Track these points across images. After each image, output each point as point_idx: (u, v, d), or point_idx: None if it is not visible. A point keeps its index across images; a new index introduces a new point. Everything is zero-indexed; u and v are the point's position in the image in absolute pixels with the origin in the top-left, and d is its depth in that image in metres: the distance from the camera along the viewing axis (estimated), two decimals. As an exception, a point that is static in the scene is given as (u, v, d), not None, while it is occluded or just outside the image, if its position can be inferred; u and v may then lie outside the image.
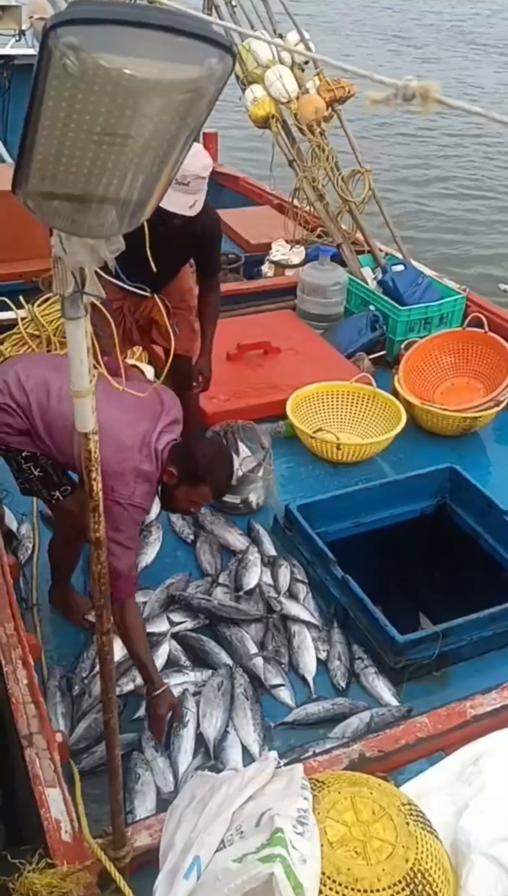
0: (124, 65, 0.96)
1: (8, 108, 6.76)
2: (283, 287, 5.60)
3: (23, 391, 2.74)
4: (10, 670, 2.58)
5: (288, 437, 4.25)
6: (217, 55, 1.02)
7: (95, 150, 1.04)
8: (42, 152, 1.05)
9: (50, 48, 0.96)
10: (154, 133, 1.05)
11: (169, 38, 0.99)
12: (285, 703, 2.87)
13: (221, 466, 2.86)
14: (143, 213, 1.16)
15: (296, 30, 5.57)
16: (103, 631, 1.66)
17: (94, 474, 1.46)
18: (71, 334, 1.31)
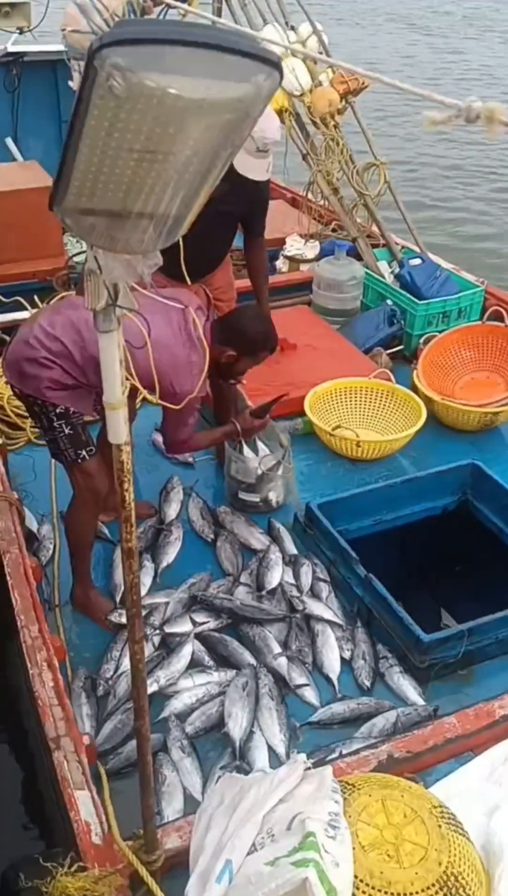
0: (170, 84, 0.95)
1: (18, 105, 6.73)
2: (298, 282, 5.57)
3: (54, 339, 2.86)
4: (35, 673, 2.59)
5: (306, 435, 4.24)
6: (265, 72, 1.00)
7: (134, 167, 1.03)
8: (81, 169, 1.04)
9: (96, 68, 0.95)
10: (196, 151, 1.04)
11: (216, 55, 0.98)
12: (310, 703, 2.87)
13: (271, 328, 3.27)
14: (180, 229, 1.15)
15: (309, 22, 5.52)
16: (136, 640, 1.66)
17: (126, 485, 1.46)
18: (104, 347, 1.30)
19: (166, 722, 2.76)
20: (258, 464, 3.67)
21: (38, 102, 6.75)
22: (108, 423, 1.40)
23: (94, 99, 0.97)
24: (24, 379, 2.92)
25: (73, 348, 2.84)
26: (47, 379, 2.87)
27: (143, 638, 1.70)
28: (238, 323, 3.18)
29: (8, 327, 4.56)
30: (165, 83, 0.96)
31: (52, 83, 6.77)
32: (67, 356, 2.86)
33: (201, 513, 3.71)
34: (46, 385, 2.89)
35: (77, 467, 3.03)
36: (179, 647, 2.99)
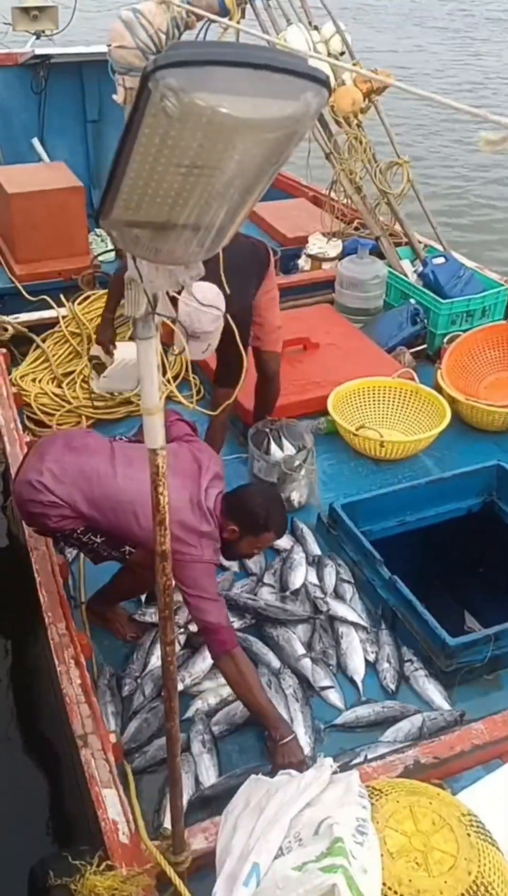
0: (220, 103, 0.97)
1: (44, 107, 6.78)
2: (321, 281, 5.56)
3: (63, 485, 2.72)
4: (63, 670, 2.61)
5: (329, 434, 4.23)
6: (313, 90, 1.02)
7: (181, 181, 1.05)
8: (130, 184, 1.05)
9: (150, 89, 0.97)
10: (243, 166, 1.05)
11: (266, 74, 1.00)
12: (334, 706, 2.86)
13: (279, 510, 2.93)
14: (222, 240, 1.15)
15: (332, 21, 5.50)
16: (168, 641, 1.66)
17: (161, 488, 1.46)
18: (143, 354, 1.31)
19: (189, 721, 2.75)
20: (282, 463, 3.66)
21: (63, 104, 6.80)
22: (145, 427, 1.41)
23: (146, 117, 0.99)
24: (33, 519, 2.84)
25: (79, 498, 2.71)
26: (56, 516, 2.74)
27: (174, 640, 1.70)
28: (250, 500, 2.89)
29: (34, 325, 4.60)
30: (216, 102, 0.98)
31: (77, 85, 6.81)
32: (75, 503, 2.72)
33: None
34: (55, 522, 2.76)
35: (129, 563, 2.91)
36: (203, 647, 2.98)
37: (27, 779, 3.53)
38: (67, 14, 7.26)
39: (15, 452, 3.57)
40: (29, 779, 3.53)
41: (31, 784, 3.52)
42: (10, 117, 6.85)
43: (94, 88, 6.80)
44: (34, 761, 3.62)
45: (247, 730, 2.78)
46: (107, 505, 2.71)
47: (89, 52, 6.68)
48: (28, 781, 3.52)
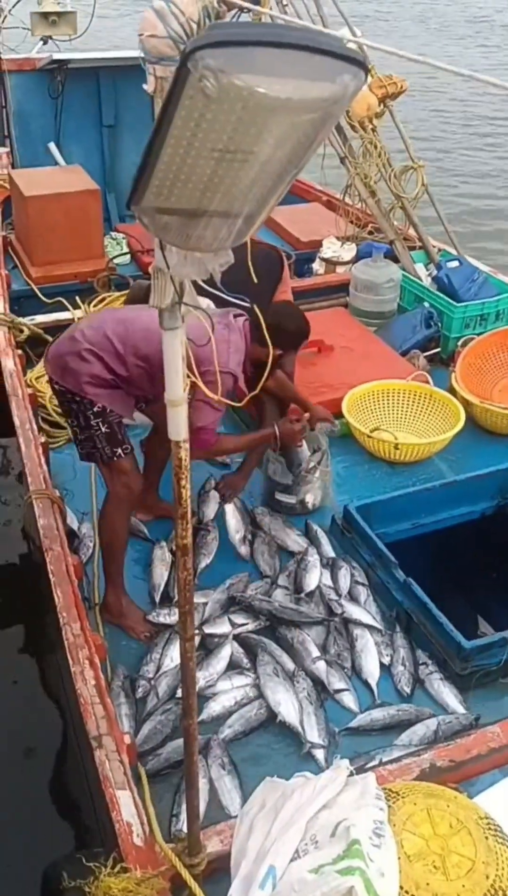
0: (259, 83, 0.97)
1: (61, 111, 6.82)
2: (335, 284, 5.56)
3: (98, 331, 3.01)
4: (77, 671, 2.59)
5: (344, 436, 4.21)
6: (351, 72, 1.01)
7: (214, 166, 1.04)
8: (163, 169, 1.04)
9: (189, 69, 0.96)
10: (276, 150, 1.04)
11: (305, 56, 0.99)
12: (349, 709, 2.84)
13: (305, 319, 3.48)
14: (251, 228, 1.15)
15: (347, 27, 5.50)
16: (187, 637, 1.65)
17: (183, 482, 1.45)
18: (168, 344, 1.30)
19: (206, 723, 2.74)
20: (295, 464, 3.65)
21: (80, 108, 6.85)
22: (169, 419, 1.40)
23: (183, 99, 0.98)
24: (66, 374, 3.00)
25: (115, 339, 2.97)
26: (87, 374, 2.96)
27: (193, 636, 1.69)
28: (279, 320, 3.32)
29: (50, 327, 4.60)
30: (254, 83, 0.97)
31: (94, 90, 6.85)
32: (109, 349, 2.97)
33: (240, 513, 3.69)
34: (86, 380, 2.96)
35: (112, 465, 3.07)
36: (218, 649, 2.98)
37: (41, 780, 3.52)
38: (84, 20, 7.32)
39: (30, 453, 3.56)
40: (43, 780, 3.53)
41: (45, 785, 3.51)
42: (27, 121, 6.89)
43: (110, 93, 6.83)
44: (48, 762, 3.61)
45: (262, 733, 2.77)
46: (140, 336, 2.96)
47: (106, 58, 6.72)
48: (42, 782, 3.52)
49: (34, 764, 3.60)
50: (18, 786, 3.47)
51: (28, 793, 3.45)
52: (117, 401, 3.06)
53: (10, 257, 5.77)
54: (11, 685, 3.96)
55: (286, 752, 2.70)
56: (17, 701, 3.88)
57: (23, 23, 7.51)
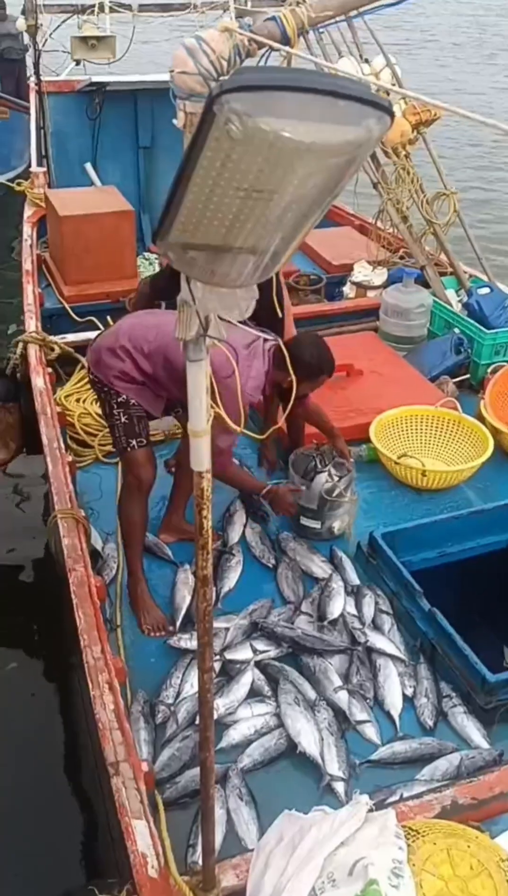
0: (283, 127, 0.97)
1: (98, 133, 6.92)
2: (365, 308, 5.55)
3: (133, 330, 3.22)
4: (96, 695, 2.58)
5: (370, 462, 4.18)
6: (376, 116, 1.01)
7: (239, 204, 1.04)
8: (189, 206, 1.04)
9: (215, 112, 0.97)
10: (301, 191, 1.04)
11: (330, 101, 0.99)
12: (370, 741, 2.80)
13: (327, 353, 3.46)
14: (277, 265, 1.14)
15: (382, 54, 5.54)
16: (205, 668, 1.63)
17: (205, 512, 1.44)
18: (192, 376, 1.29)
19: (225, 752, 2.71)
20: (323, 490, 3.63)
21: (117, 130, 6.96)
22: (191, 449, 1.40)
23: (209, 140, 0.99)
24: (99, 366, 3.24)
25: (146, 341, 3.17)
26: (118, 370, 3.19)
27: (211, 668, 1.67)
28: (297, 349, 3.38)
29: (80, 346, 4.63)
30: (279, 126, 0.97)
31: (131, 112, 6.96)
32: (140, 349, 3.17)
33: (262, 538, 3.67)
34: (116, 375, 3.19)
35: (127, 455, 3.28)
36: (239, 675, 2.95)
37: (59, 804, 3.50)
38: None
39: (57, 472, 3.58)
40: (61, 804, 3.50)
41: (62, 809, 3.48)
42: (64, 142, 7.00)
43: (147, 115, 6.92)
44: (67, 786, 3.59)
45: (281, 763, 2.73)
46: (169, 339, 3.07)
47: (144, 81, 6.82)
48: (60, 807, 3.49)
49: (52, 787, 3.57)
50: (35, 810, 3.45)
51: (45, 818, 3.42)
52: (146, 398, 3.26)
53: (43, 276, 5.84)
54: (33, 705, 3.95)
55: (306, 784, 2.66)
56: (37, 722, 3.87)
57: (63, 46, 7.64)
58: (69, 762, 3.67)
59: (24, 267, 5.53)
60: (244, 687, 2.92)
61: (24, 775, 3.59)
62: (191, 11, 8.14)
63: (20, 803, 3.47)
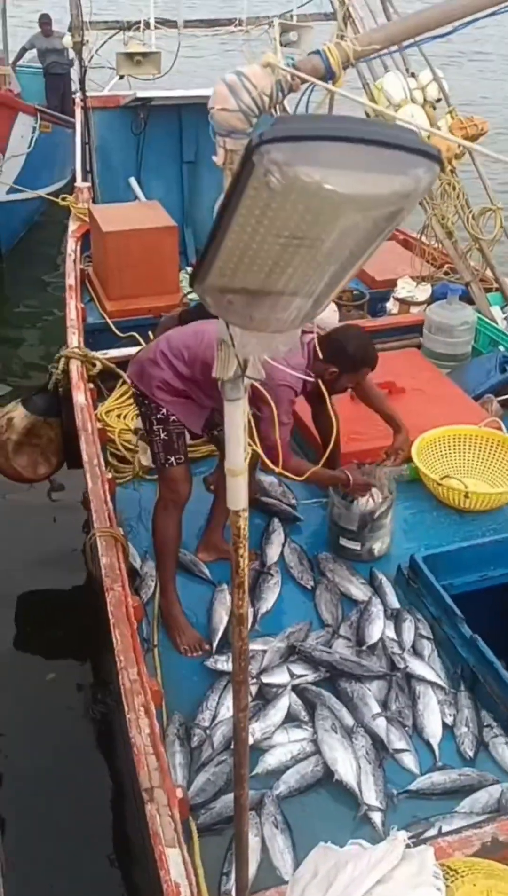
0: (326, 178, 0.94)
1: (142, 147, 6.99)
2: (408, 325, 5.49)
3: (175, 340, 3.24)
4: (132, 718, 2.57)
5: (412, 482, 4.13)
6: (425, 165, 0.97)
7: (279, 250, 1.01)
8: (226, 252, 1.02)
9: (254, 162, 0.94)
10: (346, 238, 1.01)
11: (377, 151, 0.96)
12: (408, 770, 2.75)
13: (370, 346, 3.46)
14: (319, 309, 1.12)
15: (429, 68, 5.49)
16: (240, 707, 1.61)
17: (241, 551, 1.42)
18: (229, 414, 1.28)
19: (262, 777, 2.68)
20: (366, 511, 3.58)
21: (161, 144, 7.02)
22: (228, 488, 1.38)
23: (248, 189, 0.96)
24: (142, 377, 3.24)
25: (186, 348, 3.17)
26: (159, 379, 3.18)
27: (247, 706, 1.65)
28: (339, 340, 3.39)
29: (122, 362, 4.65)
30: (321, 177, 0.94)
31: (176, 127, 7.02)
32: (180, 356, 3.17)
33: (301, 558, 3.64)
34: (157, 384, 3.19)
35: (164, 472, 3.30)
36: (275, 699, 2.92)
37: (93, 826, 3.48)
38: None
39: (97, 490, 3.58)
40: (95, 827, 3.49)
41: (97, 832, 3.47)
42: (109, 156, 7.08)
43: (191, 130, 6.97)
44: (102, 808, 3.57)
45: (317, 790, 2.69)
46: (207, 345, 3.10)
47: (189, 96, 6.87)
48: (94, 829, 3.47)
49: (87, 809, 3.56)
50: (69, 833, 3.43)
51: (79, 840, 3.40)
52: (186, 411, 3.25)
53: (86, 290, 5.89)
54: (68, 725, 3.96)
55: (342, 813, 2.62)
56: (72, 735, 3.88)
57: (108, 62, 7.74)
58: (106, 783, 3.66)
59: (68, 282, 5.58)
60: (281, 711, 2.89)
61: (60, 795, 3.59)
62: (236, 26, 8.20)
63: (54, 819, 3.47)
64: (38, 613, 4.74)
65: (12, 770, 3.64)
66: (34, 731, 3.86)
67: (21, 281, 9.11)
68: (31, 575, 4.84)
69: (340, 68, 1.60)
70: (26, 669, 4.25)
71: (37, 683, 4.14)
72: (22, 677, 4.18)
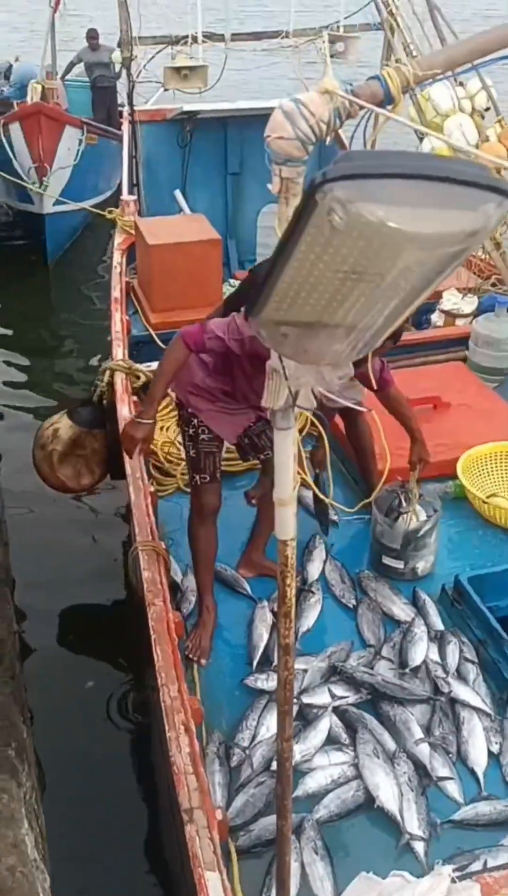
0: (390, 216, 0.91)
1: (188, 160, 7.03)
2: (454, 338, 5.41)
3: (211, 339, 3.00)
4: (172, 736, 2.55)
5: (457, 499, 4.06)
6: (495, 201, 0.93)
7: (338, 284, 0.98)
8: (284, 287, 1.00)
9: (317, 201, 0.91)
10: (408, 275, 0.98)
11: (443, 187, 0.92)
12: (452, 799, 2.69)
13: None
14: (377, 342, 1.08)
15: (478, 77, 5.42)
16: (285, 738, 1.58)
17: (289, 580, 1.39)
18: (279, 443, 1.25)
19: (301, 801, 2.64)
20: (408, 527, 3.52)
21: (206, 157, 7.05)
22: (276, 518, 1.35)
23: (310, 227, 0.94)
24: (178, 383, 3.18)
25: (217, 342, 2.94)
26: (189, 383, 3.14)
27: (291, 736, 1.61)
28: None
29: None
30: (385, 216, 0.91)
31: (221, 139, 7.05)
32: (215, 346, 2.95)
33: (343, 576, 3.60)
34: (189, 389, 3.15)
35: (193, 486, 3.32)
36: (316, 721, 2.88)
37: (131, 844, 3.45)
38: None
39: (139, 503, 3.58)
40: (127, 846, 3.45)
41: (129, 852, 3.43)
42: (155, 170, 7.13)
43: (236, 142, 6.99)
44: (134, 826, 3.54)
45: (358, 816, 2.65)
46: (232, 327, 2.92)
47: (234, 108, 6.89)
48: (132, 848, 3.44)
49: (122, 825, 3.54)
50: (103, 848, 3.40)
51: (113, 857, 3.38)
52: (219, 421, 3.19)
53: (131, 303, 5.91)
54: (105, 736, 3.95)
55: (383, 841, 2.57)
56: (109, 754, 3.86)
57: (155, 75, 7.80)
58: (147, 800, 3.63)
59: (113, 294, 5.61)
60: (322, 733, 2.85)
61: (90, 806, 3.56)
62: (283, 38, 8.21)
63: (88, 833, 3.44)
64: (79, 622, 4.75)
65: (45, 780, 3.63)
66: (70, 740, 3.85)
67: (66, 292, 9.20)
68: (75, 583, 4.86)
69: (399, 93, 1.57)
70: (66, 675, 4.26)
71: (76, 691, 4.14)
72: (61, 685, 4.19)
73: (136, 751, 3.88)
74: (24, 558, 4.78)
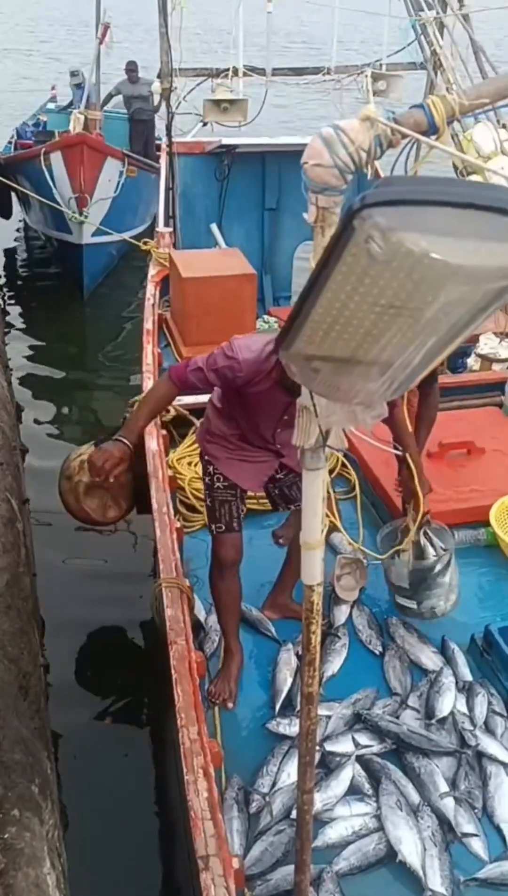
0: (433, 247, 0.85)
1: (225, 193, 7.08)
2: (490, 382, 5.34)
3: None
4: (190, 780, 2.49)
5: (489, 547, 3.97)
6: None
7: (374, 319, 0.94)
8: (317, 319, 0.96)
9: (355, 227, 0.87)
10: (450, 311, 0.93)
11: (493, 217, 0.86)
12: (477, 856, 2.60)
13: None
14: (413, 382, 1.04)
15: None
16: (306, 790, 1.52)
17: (314, 627, 1.35)
18: (308, 484, 1.22)
19: (322, 851, 2.55)
20: (410, 568, 3.41)
21: (244, 191, 7.09)
22: (303, 562, 1.31)
23: (346, 256, 0.89)
24: (198, 432, 3.22)
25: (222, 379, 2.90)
26: (205, 431, 3.12)
27: (313, 788, 1.55)
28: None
29: (195, 408, 4.64)
30: (428, 246, 0.86)
31: (259, 174, 7.09)
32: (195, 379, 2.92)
33: (370, 621, 3.52)
34: (206, 438, 3.12)
35: (212, 535, 3.24)
36: (338, 770, 2.81)
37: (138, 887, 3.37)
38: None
39: (165, 539, 3.54)
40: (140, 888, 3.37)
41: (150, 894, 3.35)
42: (192, 203, 7.19)
43: (274, 177, 7.03)
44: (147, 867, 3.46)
45: (379, 869, 2.55)
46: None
47: (273, 143, 6.95)
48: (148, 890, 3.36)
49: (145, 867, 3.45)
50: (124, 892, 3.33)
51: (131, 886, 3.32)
52: (236, 469, 3.11)
53: (163, 335, 5.93)
54: (121, 774, 3.87)
55: (405, 898, 2.48)
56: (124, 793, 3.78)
57: (195, 108, 7.89)
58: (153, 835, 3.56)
59: (145, 326, 5.63)
60: (344, 783, 2.77)
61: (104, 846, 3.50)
62: (325, 75, 8.28)
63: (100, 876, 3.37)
64: (105, 657, 4.70)
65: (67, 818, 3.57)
66: (91, 777, 3.79)
67: (99, 323, 9.28)
68: (99, 616, 4.82)
69: (444, 123, 1.54)
70: (89, 710, 4.20)
71: (97, 727, 4.09)
72: (79, 720, 4.13)
73: (157, 791, 3.81)
74: (50, 589, 4.75)
